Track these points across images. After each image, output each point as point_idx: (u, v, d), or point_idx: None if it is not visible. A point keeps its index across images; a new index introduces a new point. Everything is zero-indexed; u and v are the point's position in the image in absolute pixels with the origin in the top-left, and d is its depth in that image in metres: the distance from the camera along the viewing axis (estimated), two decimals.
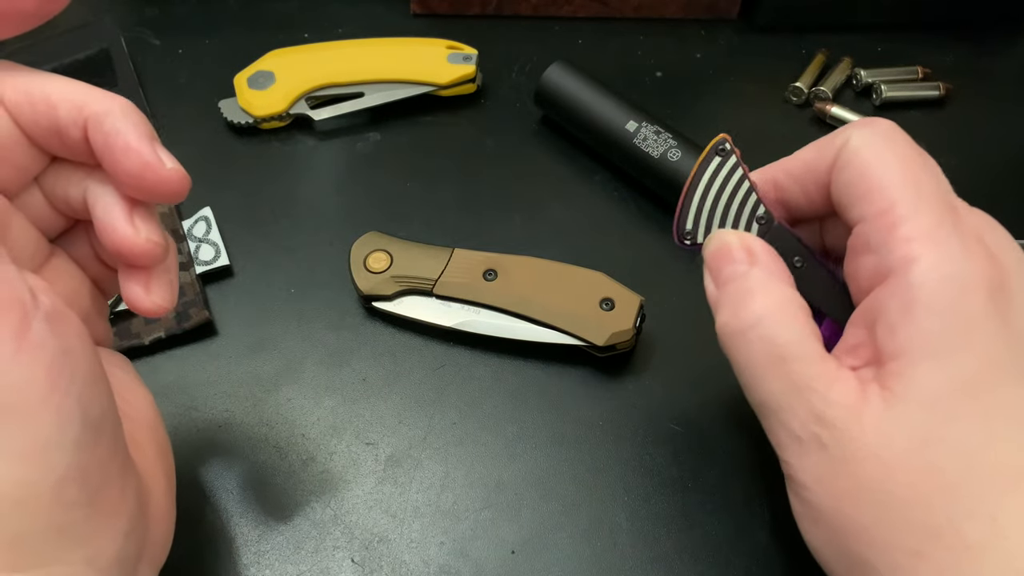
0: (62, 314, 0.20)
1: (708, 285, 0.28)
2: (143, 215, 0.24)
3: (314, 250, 0.41)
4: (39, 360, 0.19)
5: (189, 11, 0.51)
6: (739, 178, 0.28)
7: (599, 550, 0.32)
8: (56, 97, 0.23)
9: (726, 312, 0.26)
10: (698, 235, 0.28)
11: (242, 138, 0.45)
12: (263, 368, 0.37)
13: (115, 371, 0.27)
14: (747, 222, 0.28)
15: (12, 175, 0.24)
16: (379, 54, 0.46)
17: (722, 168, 0.28)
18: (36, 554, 0.20)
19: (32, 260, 0.25)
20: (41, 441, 0.19)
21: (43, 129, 0.23)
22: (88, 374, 0.21)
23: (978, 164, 0.45)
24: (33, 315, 0.19)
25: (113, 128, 0.23)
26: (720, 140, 0.28)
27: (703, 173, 0.28)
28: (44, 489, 0.19)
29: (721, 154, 0.28)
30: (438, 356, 0.37)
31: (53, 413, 0.19)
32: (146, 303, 0.25)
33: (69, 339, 0.20)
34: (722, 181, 0.28)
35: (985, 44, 0.52)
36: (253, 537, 0.32)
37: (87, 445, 0.20)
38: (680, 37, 0.51)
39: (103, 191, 0.24)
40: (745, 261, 0.26)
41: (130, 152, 0.23)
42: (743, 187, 0.28)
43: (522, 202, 0.43)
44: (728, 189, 0.28)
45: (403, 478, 0.34)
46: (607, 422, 0.35)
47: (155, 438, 0.26)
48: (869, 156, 0.25)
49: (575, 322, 0.35)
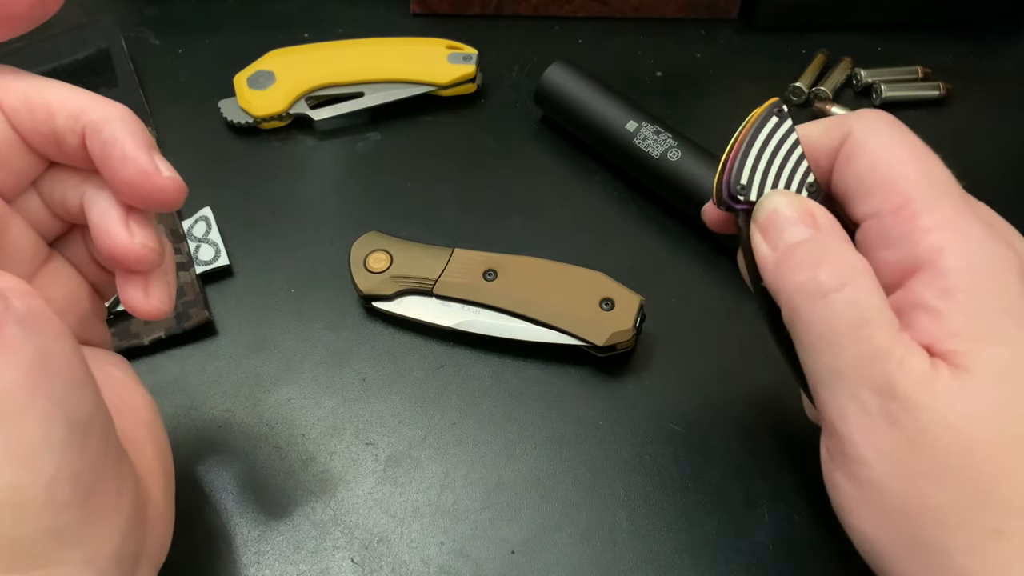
0: (39, 316, 0.20)
1: (761, 246, 0.26)
2: (139, 220, 0.24)
3: (314, 250, 0.41)
4: (15, 363, 0.19)
5: (189, 11, 0.51)
6: (794, 142, 0.27)
7: (599, 550, 0.32)
8: (55, 104, 0.23)
9: (803, 273, 0.25)
10: (751, 192, 0.27)
11: (242, 138, 0.45)
12: (263, 368, 0.37)
13: (112, 371, 0.27)
14: (798, 188, 0.27)
15: (10, 180, 0.24)
16: (379, 54, 0.46)
17: (778, 129, 0.27)
18: (33, 556, 0.20)
19: (30, 263, 0.25)
20: (27, 444, 0.19)
21: (41, 136, 0.23)
22: (70, 375, 0.20)
23: (978, 164, 0.45)
24: (5, 319, 0.19)
25: (111, 136, 0.23)
26: (776, 102, 0.27)
27: (759, 131, 0.27)
28: (36, 492, 0.19)
29: (779, 115, 0.27)
30: (438, 356, 0.37)
31: (36, 416, 0.19)
32: (144, 306, 0.25)
33: (47, 341, 0.20)
34: (777, 142, 0.27)
35: (985, 44, 0.52)
36: (253, 537, 0.32)
37: (75, 446, 0.20)
38: (680, 37, 0.51)
39: (99, 196, 0.24)
40: (810, 224, 0.25)
41: (127, 160, 0.23)
42: (796, 152, 0.27)
43: (522, 202, 0.43)
44: (783, 152, 0.27)
45: (403, 478, 0.34)
46: (607, 422, 0.35)
47: (153, 437, 0.26)
48: (878, 148, 0.25)
49: (575, 322, 0.35)
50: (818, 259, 0.25)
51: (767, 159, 0.27)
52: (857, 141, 0.26)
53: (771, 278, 0.26)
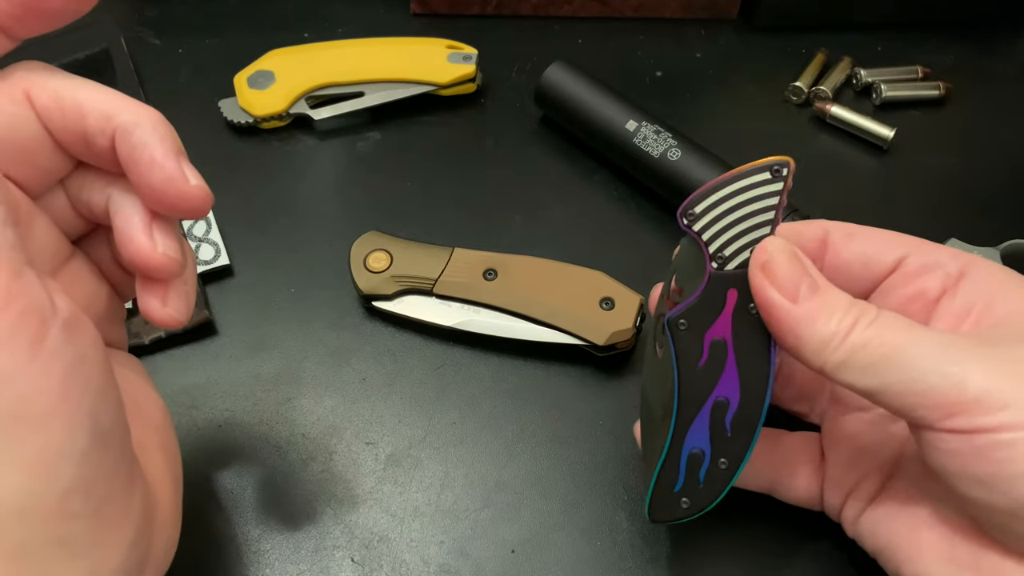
0: (78, 322, 0.20)
1: (772, 294, 0.25)
2: (163, 228, 0.24)
3: (314, 250, 0.41)
4: (53, 369, 0.19)
5: (189, 11, 0.51)
6: (771, 205, 0.26)
7: (599, 550, 0.32)
8: (87, 104, 0.23)
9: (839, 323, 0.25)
10: (697, 223, 0.26)
11: (242, 138, 0.45)
12: (263, 368, 0.37)
13: (127, 373, 0.26)
14: (744, 245, 0.26)
15: (37, 177, 0.24)
16: (379, 54, 0.46)
17: (763, 186, 0.26)
18: (38, 565, 0.19)
19: (52, 261, 0.25)
20: (49, 451, 0.19)
21: (71, 135, 0.23)
22: (100, 384, 0.20)
23: (978, 164, 0.45)
24: (51, 323, 0.19)
25: (140, 141, 0.23)
26: (783, 162, 0.26)
27: (745, 177, 0.26)
28: (49, 500, 0.19)
29: (774, 174, 0.26)
30: (438, 356, 0.37)
31: (63, 423, 0.19)
32: (161, 314, 0.25)
33: (84, 348, 0.20)
34: (753, 196, 0.26)
35: (985, 44, 0.52)
36: (253, 537, 0.32)
37: (95, 456, 0.20)
38: (680, 37, 0.51)
39: (125, 200, 0.24)
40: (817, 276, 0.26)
41: (155, 166, 0.23)
42: (766, 215, 0.26)
43: (522, 202, 0.43)
44: (752, 207, 0.26)
45: (403, 478, 0.34)
46: (607, 421, 0.35)
47: (164, 442, 0.26)
48: None
49: (575, 322, 0.35)
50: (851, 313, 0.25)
51: (731, 205, 0.26)
52: None
53: (794, 330, 0.25)
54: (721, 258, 0.26)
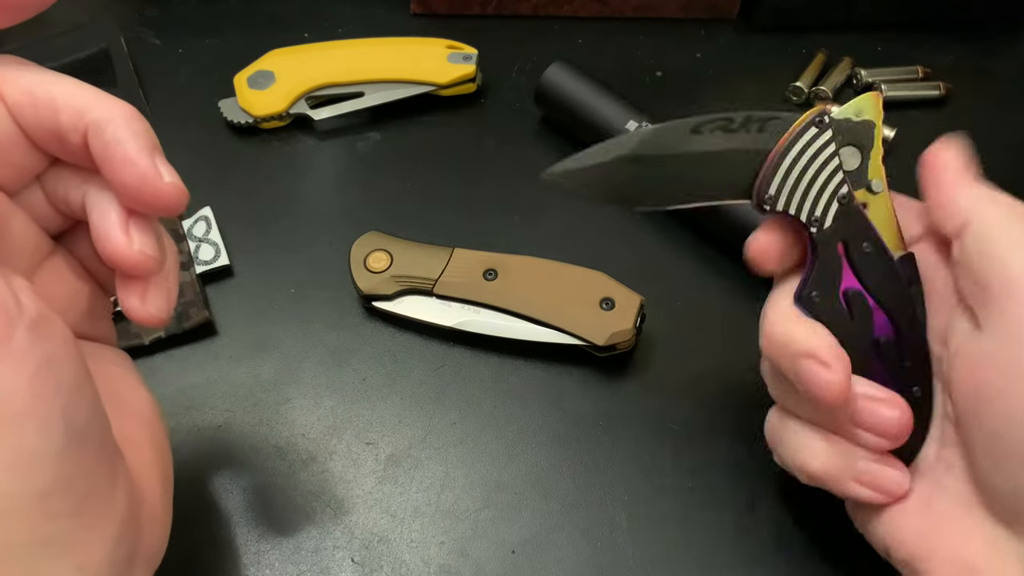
0: (47, 320, 0.20)
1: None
2: (140, 225, 0.24)
3: (314, 250, 0.41)
4: (22, 370, 0.19)
5: (189, 11, 0.51)
6: (830, 153, 0.27)
7: (599, 550, 0.32)
8: (60, 100, 0.22)
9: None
10: (779, 202, 0.27)
11: (242, 138, 0.45)
12: (263, 368, 0.37)
13: (112, 368, 0.26)
14: (828, 199, 0.27)
15: (11, 174, 0.23)
16: (379, 54, 0.46)
17: (816, 140, 0.27)
18: (22, 565, 0.19)
19: (32, 257, 0.25)
20: (23, 453, 0.19)
21: (44, 132, 0.23)
22: (73, 381, 0.20)
23: (978, 164, 0.45)
24: (17, 322, 0.19)
25: (113, 137, 0.22)
26: (821, 111, 0.27)
27: (796, 141, 0.27)
28: (27, 501, 0.19)
29: (819, 126, 0.27)
30: (438, 356, 0.37)
31: (36, 424, 0.19)
32: (141, 312, 0.24)
33: (54, 346, 0.20)
34: (813, 153, 0.27)
35: (985, 44, 0.52)
36: (253, 537, 0.32)
37: (72, 454, 0.20)
38: (680, 37, 0.51)
39: (101, 197, 0.24)
40: None
41: (128, 164, 0.22)
42: (832, 163, 0.27)
43: (522, 202, 0.43)
44: (817, 163, 0.27)
45: (403, 478, 0.34)
46: (607, 422, 0.35)
47: (153, 436, 0.26)
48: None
49: (575, 322, 0.35)
50: None
51: (799, 170, 0.27)
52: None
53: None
54: (816, 220, 0.27)
